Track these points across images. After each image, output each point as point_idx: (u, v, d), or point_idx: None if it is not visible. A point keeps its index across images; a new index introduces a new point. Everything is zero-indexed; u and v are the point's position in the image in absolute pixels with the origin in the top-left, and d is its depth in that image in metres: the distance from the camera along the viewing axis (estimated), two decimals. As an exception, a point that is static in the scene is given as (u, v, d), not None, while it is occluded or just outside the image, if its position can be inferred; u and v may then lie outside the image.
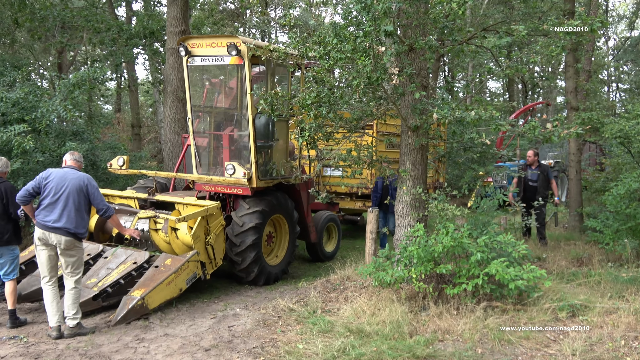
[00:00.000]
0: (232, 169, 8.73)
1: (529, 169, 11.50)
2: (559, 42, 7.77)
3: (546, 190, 11.38)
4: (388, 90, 7.95)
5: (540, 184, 11.32)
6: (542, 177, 11.36)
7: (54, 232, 6.51)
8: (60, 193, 6.57)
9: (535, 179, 11.38)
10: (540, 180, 11.33)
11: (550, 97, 36.26)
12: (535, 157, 11.55)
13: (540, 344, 6.17)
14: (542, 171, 11.42)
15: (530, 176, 11.40)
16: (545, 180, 11.40)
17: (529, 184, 11.40)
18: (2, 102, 10.56)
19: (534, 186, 11.33)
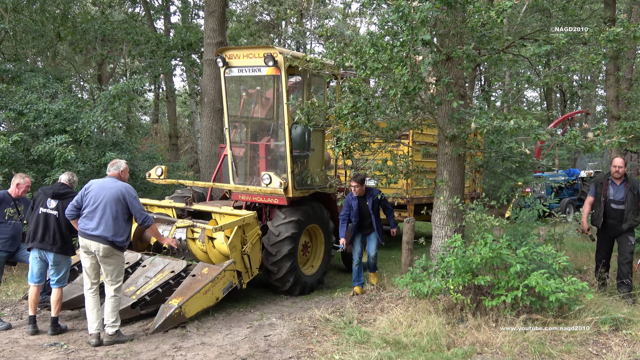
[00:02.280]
0: (268, 179, 8.77)
1: (612, 185, 8.42)
2: (600, 49, 7.63)
3: (637, 215, 8.32)
4: (425, 99, 7.90)
5: (629, 207, 8.24)
6: (631, 196, 8.26)
7: (93, 240, 6.62)
8: (99, 202, 6.68)
9: (621, 198, 8.30)
10: (628, 202, 8.25)
11: (589, 106, 35.59)
12: (624, 168, 8.45)
13: (582, 357, 6.03)
14: (632, 188, 8.31)
15: (614, 194, 8.35)
16: (635, 200, 8.30)
17: (611, 206, 8.35)
18: (45, 114, 10.82)
19: (620, 209, 8.31)
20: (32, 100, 10.98)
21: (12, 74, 12.35)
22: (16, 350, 6.45)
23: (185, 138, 29.12)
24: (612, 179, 8.38)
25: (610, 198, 8.35)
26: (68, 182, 7.38)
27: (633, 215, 8.24)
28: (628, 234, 8.30)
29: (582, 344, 6.35)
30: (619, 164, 8.33)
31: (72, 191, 7.26)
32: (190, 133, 29.32)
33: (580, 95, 34.64)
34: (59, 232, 7.06)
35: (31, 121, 10.78)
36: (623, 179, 8.32)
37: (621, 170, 8.28)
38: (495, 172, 13.72)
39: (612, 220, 8.35)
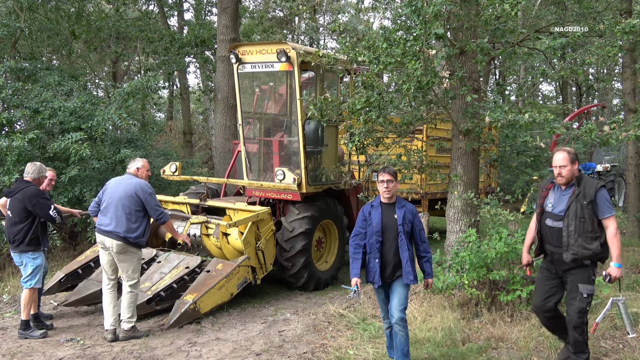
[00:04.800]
0: (282, 175, 8.78)
1: (553, 191, 5.55)
2: (616, 42, 7.55)
3: (591, 240, 5.20)
4: (438, 94, 7.86)
5: (572, 225, 5.24)
6: (578, 208, 5.21)
7: (107, 236, 6.66)
8: (112, 199, 6.73)
9: (561, 211, 5.35)
10: (570, 217, 5.25)
11: (605, 100, 35.21)
12: (569, 167, 5.31)
13: (599, 352, 5.98)
14: (582, 195, 5.24)
15: (553, 205, 5.48)
16: (585, 215, 5.20)
17: (546, 223, 5.49)
18: (60, 111, 10.90)
19: (556, 228, 5.37)
20: (47, 98, 11.06)
21: (28, 72, 12.44)
22: (33, 346, 6.52)
23: (200, 135, 29.20)
24: (556, 182, 5.49)
25: (547, 210, 5.46)
26: (25, 175, 7.06)
27: (581, 240, 5.13)
28: (578, 274, 5.23)
29: (598, 338, 6.30)
30: (559, 161, 5.29)
31: (21, 187, 6.93)
32: (204, 130, 29.42)
33: (596, 88, 34.28)
34: (15, 232, 6.86)
35: (47, 119, 10.86)
36: (572, 182, 5.34)
37: (564, 172, 5.27)
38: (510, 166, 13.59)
39: (550, 246, 5.45)
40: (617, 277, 5.16)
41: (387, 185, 5.47)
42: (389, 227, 5.50)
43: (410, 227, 5.50)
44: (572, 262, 5.25)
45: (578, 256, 5.19)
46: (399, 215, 5.48)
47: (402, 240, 5.42)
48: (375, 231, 5.48)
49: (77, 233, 11.42)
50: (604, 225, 5.22)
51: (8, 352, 6.32)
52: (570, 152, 5.33)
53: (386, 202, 5.55)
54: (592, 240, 5.19)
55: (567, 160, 5.30)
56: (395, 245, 5.45)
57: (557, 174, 5.35)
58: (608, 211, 5.19)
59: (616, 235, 5.17)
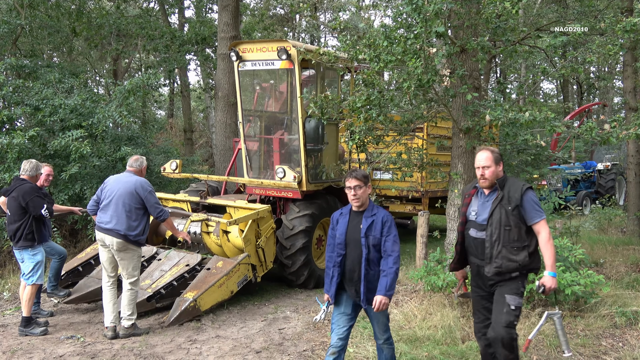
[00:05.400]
0: (282, 173, 8.77)
1: (476, 197, 4.93)
2: (617, 40, 7.54)
3: (518, 251, 4.63)
4: (439, 92, 7.86)
5: (496, 234, 4.65)
6: (503, 215, 4.63)
7: (107, 234, 6.67)
8: (112, 196, 6.73)
9: (484, 220, 4.74)
10: (493, 225, 4.66)
11: (606, 98, 35.20)
12: (494, 168, 4.72)
13: (598, 351, 5.99)
14: (506, 200, 4.66)
15: (476, 213, 4.84)
16: (511, 223, 4.63)
17: (470, 233, 4.87)
18: (61, 109, 10.90)
19: (480, 239, 4.76)
20: (48, 96, 11.06)
21: (29, 70, 12.44)
22: (34, 343, 6.53)
23: (200, 132, 29.22)
24: (479, 185, 4.88)
25: (471, 219, 4.86)
26: (22, 173, 7.09)
27: (506, 251, 4.59)
28: (505, 285, 4.66)
29: (597, 337, 6.31)
30: (482, 161, 4.72)
31: (16, 184, 6.97)
32: (204, 127, 29.41)
33: (597, 87, 34.27)
34: (13, 229, 6.90)
35: (47, 116, 10.86)
36: (495, 186, 4.74)
37: (487, 173, 4.68)
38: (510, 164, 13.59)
39: (475, 259, 4.86)
40: (552, 288, 4.55)
41: (354, 192, 4.73)
42: (354, 239, 4.77)
43: (378, 240, 4.69)
44: (495, 276, 4.64)
45: (502, 269, 4.59)
46: (363, 225, 4.72)
47: (364, 255, 4.67)
48: (338, 243, 4.82)
49: (77, 230, 11.43)
50: (534, 231, 4.63)
51: (8, 349, 6.33)
52: (494, 152, 4.75)
53: (356, 209, 4.85)
54: (519, 250, 4.59)
55: (491, 160, 4.70)
56: (359, 261, 4.71)
57: (479, 176, 4.75)
58: (537, 215, 4.59)
59: (549, 241, 4.57)
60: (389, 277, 4.60)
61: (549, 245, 4.57)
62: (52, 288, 7.78)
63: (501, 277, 4.64)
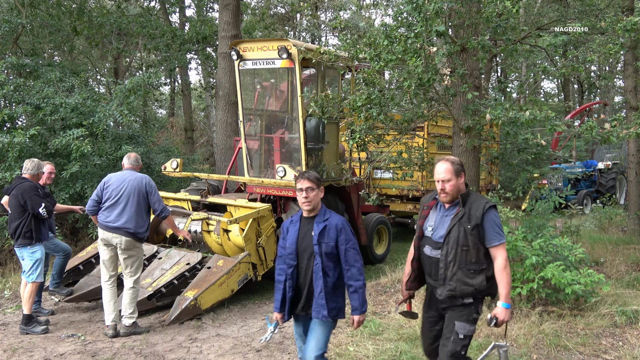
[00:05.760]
0: (283, 172, 8.78)
1: (434, 210, 4.44)
2: (617, 39, 7.54)
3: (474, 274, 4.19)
4: (439, 91, 7.86)
5: (452, 254, 4.19)
6: (461, 233, 4.17)
7: (115, 232, 6.66)
8: (120, 194, 6.73)
9: (441, 237, 4.27)
10: (450, 244, 4.20)
11: (607, 97, 35.18)
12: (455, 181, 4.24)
13: (598, 350, 5.99)
14: (466, 218, 4.21)
15: (433, 229, 4.36)
16: (468, 242, 4.17)
17: (424, 251, 4.41)
18: (61, 108, 10.91)
19: (434, 258, 4.32)
20: (49, 95, 11.08)
21: (30, 69, 12.46)
22: (34, 342, 6.54)
23: (201, 131, 29.22)
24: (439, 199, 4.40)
25: (427, 235, 4.40)
26: (24, 172, 7.13)
27: (461, 274, 4.15)
28: (457, 311, 4.24)
29: (598, 336, 6.31)
30: (442, 174, 4.22)
31: (17, 183, 7.01)
32: (205, 126, 29.42)
33: (598, 86, 34.28)
34: (13, 227, 6.92)
35: (48, 115, 10.87)
36: (457, 200, 4.28)
37: (448, 187, 4.21)
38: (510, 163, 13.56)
39: (429, 279, 4.45)
40: (504, 320, 4.15)
41: (306, 195, 4.32)
42: (305, 248, 4.37)
43: (332, 248, 4.28)
44: (448, 300, 4.21)
45: (456, 293, 4.15)
46: (315, 232, 4.32)
47: (317, 264, 4.28)
48: (288, 253, 4.42)
49: (78, 229, 11.45)
50: (491, 255, 4.19)
51: (9, 347, 6.34)
52: (454, 163, 4.25)
53: (306, 215, 4.43)
54: (476, 273, 4.16)
55: (451, 172, 4.21)
56: (313, 272, 4.33)
57: (439, 190, 4.27)
58: (497, 238, 4.15)
59: (506, 269, 4.13)
60: (359, 292, 4.29)
61: (505, 273, 4.13)
62: (55, 285, 7.79)
63: (454, 302, 4.21)
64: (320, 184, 4.40)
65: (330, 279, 4.32)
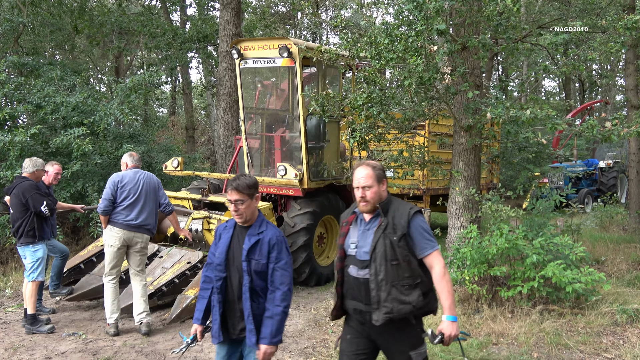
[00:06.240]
0: (283, 170, 8.78)
1: (355, 224, 3.89)
2: (619, 38, 7.54)
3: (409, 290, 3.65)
4: (440, 90, 7.86)
5: (384, 272, 3.63)
6: (388, 247, 3.64)
7: (137, 231, 6.68)
8: (138, 193, 6.73)
9: (366, 254, 3.71)
10: (378, 261, 3.64)
11: (608, 96, 35.16)
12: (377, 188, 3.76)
13: (599, 349, 5.99)
14: (391, 229, 3.69)
15: (356, 245, 3.80)
16: (398, 256, 3.65)
17: (349, 272, 3.79)
18: (62, 106, 10.91)
19: (363, 280, 3.71)
20: (50, 93, 11.07)
21: (31, 67, 12.45)
22: (36, 340, 6.55)
23: (202, 130, 29.22)
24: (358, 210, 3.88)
25: (350, 253, 3.83)
26: (23, 172, 7.13)
27: (396, 292, 3.63)
28: (402, 341, 3.72)
29: (598, 334, 6.31)
30: (362, 180, 3.74)
31: (17, 182, 7.00)
32: (206, 125, 29.43)
33: (599, 84, 34.26)
34: (16, 227, 6.93)
35: (49, 114, 10.87)
36: (377, 211, 3.78)
37: (369, 194, 3.72)
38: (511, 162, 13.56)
39: (359, 304, 3.78)
40: (452, 336, 3.59)
41: (235, 208, 3.84)
42: (235, 261, 3.88)
43: (263, 266, 3.78)
44: (386, 325, 3.62)
45: (394, 314, 3.58)
46: (245, 246, 3.81)
47: (246, 284, 3.77)
48: (217, 263, 3.92)
49: (79, 228, 11.45)
50: (427, 265, 3.71)
51: (11, 345, 6.35)
52: (376, 167, 3.78)
53: (240, 224, 3.95)
54: (411, 288, 3.64)
55: (373, 178, 3.73)
56: (241, 290, 3.82)
57: (359, 198, 3.76)
58: (429, 245, 3.68)
59: (445, 277, 3.64)
60: (275, 319, 3.70)
61: (445, 281, 3.63)
62: (54, 287, 7.80)
63: (393, 326, 3.64)
64: (255, 192, 3.91)
65: (263, 301, 3.79)
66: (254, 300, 3.78)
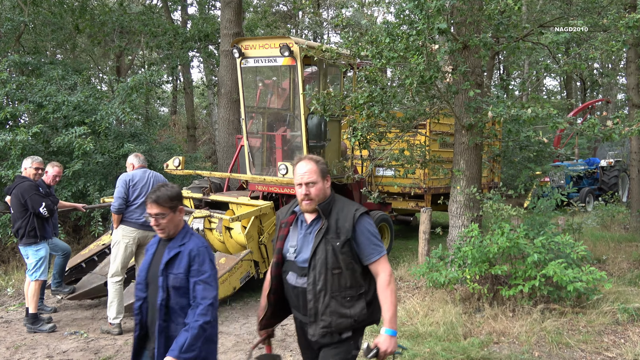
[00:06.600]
0: (284, 169, 8.78)
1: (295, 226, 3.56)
2: (620, 37, 7.53)
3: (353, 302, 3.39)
4: (441, 88, 7.86)
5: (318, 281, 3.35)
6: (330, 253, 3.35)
7: (152, 231, 6.66)
8: (149, 191, 6.73)
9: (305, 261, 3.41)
10: (317, 268, 3.35)
11: (610, 95, 35.13)
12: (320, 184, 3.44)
13: (600, 347, 5.99)
14: (333, 233, 3.37)
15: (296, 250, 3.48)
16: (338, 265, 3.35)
17: (288, 279, 3.53)
18: (64, 106, 10.92)
19: (300, 288, 3.44)
20: (51, 93, 11.09)
21: (32, 67, 12.47)
22: (37, 339, 6.56)
23: (203, 129, 29.22)
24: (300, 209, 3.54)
25: (288, 258, 3.52)
26: (22, 171, 7.14)
27: (336, 304, 3.34)
28: (332, 351, 3.42)
29: (599, 333, 6.31)
30: (305, 176, 3.39)
31: (17, 183, 7.00)
32: (207, 124, 29.43)
33: (600, 83, 34.22)
34: (17, 227, 6.93)
35: (50, 113, 10.89)
36: (317, 212, 3.44)
37: (314, 191, 3.40)
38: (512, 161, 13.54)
39: (298, 314, 3.59)
40: (387, 352, 3.28)
41: (156, 222, 3.50)
42: (154, 278, 3.54)
43: (182, 280, 3.44)
44: (323, 339, 3.36)
45: (332, 329, 3.31)
46: (164, 259, 3.49)
47: (161, 300, 3.43)
48: (138, 282, 3.62)
49: (81, 227, 11.46)
50: (372, 273, 3.42)
51: (12, 344, 6.36)
52: (319, 162, 3.43)
53: (163, 237, 3.62)
54: (354, 300, 3.35)
55: (317, 173, 3.38)
56: (155, 310, 3.49)
57: (302, 196, 3.39)
58: (375, 251, 3.38)
59: (390, 286, 3.34)
60: (191, 333, 3.34)
61: (389, 291, 3.34)
62: (57, 285, 7.80)
63: (330, 339, 3.37)
64: (177, 204, 3.56)
65: (182, 321, 3.44)
66: (172, 320, 3.43)
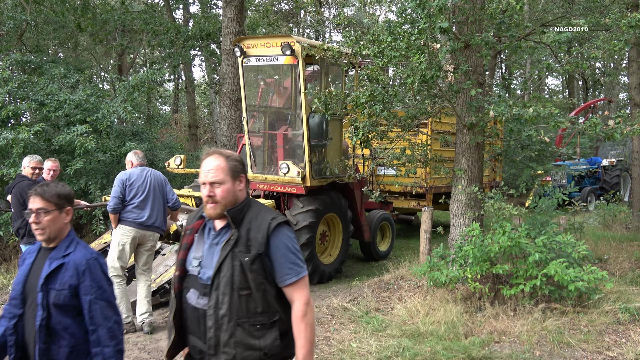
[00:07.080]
0: (286, 168, 8.79)
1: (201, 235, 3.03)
2: (622, 36, 7.52)
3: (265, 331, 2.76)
4: (443, 87, 7.85)
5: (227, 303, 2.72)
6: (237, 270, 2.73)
7: (149, 230, 6.70)
8: (146, 191, 6.75)
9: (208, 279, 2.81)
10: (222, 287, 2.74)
11: (612, 94, 35.07)
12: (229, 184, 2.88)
13: (601, 347, 5.99)
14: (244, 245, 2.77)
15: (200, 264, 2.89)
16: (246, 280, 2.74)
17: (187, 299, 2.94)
18: (65, 104, 10.93)
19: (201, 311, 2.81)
20: (53, 91, 11.10)
21: (34, 65, 12.48)
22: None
23: (205, 128, 29.23)
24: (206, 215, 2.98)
25: (191, 272, 2.94)
26: (23, 170, 7.11)
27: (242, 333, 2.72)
28: None
29: (601, 333, 6.31)
30: (210, 174, 2.87)
31: (16, 181, 6.97)
32: (209, 123, 29.44)
33: (602, 82, 34.17)
34: (17, 225, 6.89)
35: (52, 112, 10.90)
36: (226, 222, 2.90)
37: (220, 193, 2.85)
38: (514, 160, 13.51)
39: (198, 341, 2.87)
40: None
41: (36, 219, 3.01)
42: (32, 293, 3.02)
43: (66, 298, 2.95)
44: None
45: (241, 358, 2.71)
46: (44, 271, 2.98)
47: (41, 319, 2.92)
48: (12, 297, 3.07)
49: (82, 225, 11.47)
50: (287, 298, 2.81)
51: (14, 343, 6.36)
52: (230, 158, 2.87)
53: (44, 245, 3.11)
54: (265, 329, 2.75)
55: (224, 170, 2.83)
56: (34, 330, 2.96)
57: (206, 198, 2.87)
58: (292, 271, 2.78)
59: (305, 318, 2.76)
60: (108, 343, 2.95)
61: (304, 324, 2.75)
62: None
63: None
64: (65, 205, 3.10)
65: (66, 343, 2.96)
66: (53, 342, 2.93)
